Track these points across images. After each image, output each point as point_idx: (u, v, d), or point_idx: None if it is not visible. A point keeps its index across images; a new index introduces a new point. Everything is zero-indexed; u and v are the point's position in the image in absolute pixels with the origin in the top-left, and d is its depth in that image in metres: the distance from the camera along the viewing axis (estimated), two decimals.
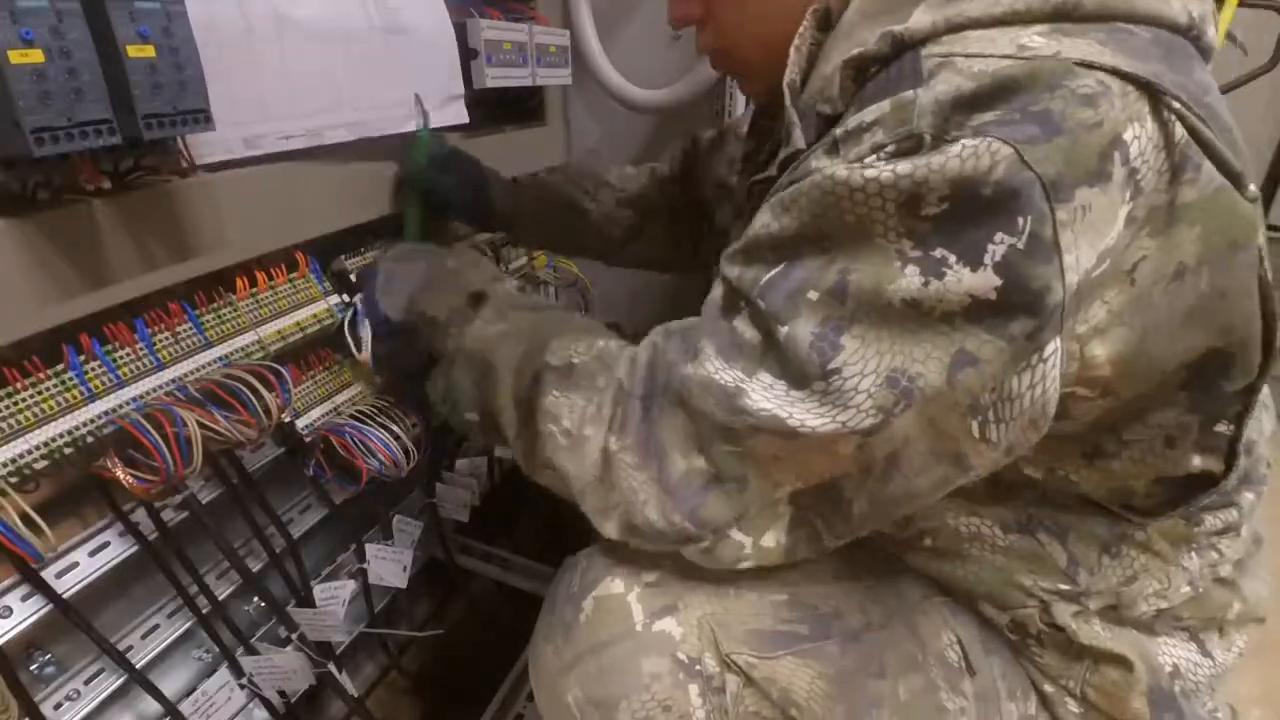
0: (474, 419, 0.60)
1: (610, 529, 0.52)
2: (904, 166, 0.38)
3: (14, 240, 0.44)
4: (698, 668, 0.52)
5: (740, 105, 1.09)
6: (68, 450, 0.49)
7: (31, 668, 0.57)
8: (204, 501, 0.62)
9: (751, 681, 0.52)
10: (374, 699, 0.97)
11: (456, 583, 1.09)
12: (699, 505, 0.47)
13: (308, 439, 0.66)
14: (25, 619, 0.51)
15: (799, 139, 0.47)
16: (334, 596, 0.74)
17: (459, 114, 0.75)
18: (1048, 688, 0.56)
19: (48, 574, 0.52)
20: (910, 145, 0.38)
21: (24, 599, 0.52)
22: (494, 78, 0.79)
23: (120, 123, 0.42)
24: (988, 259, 0.37)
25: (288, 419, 0.63)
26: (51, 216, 0.46)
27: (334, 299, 0.68)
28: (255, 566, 0.69)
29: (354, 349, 0.67)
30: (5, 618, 0.51)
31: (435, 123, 0.73)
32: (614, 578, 0.56)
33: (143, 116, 0.42)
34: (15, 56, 0.38)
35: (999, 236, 0.37)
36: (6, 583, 0.51)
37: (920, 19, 0.42)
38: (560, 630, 0.56)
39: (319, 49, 0.61)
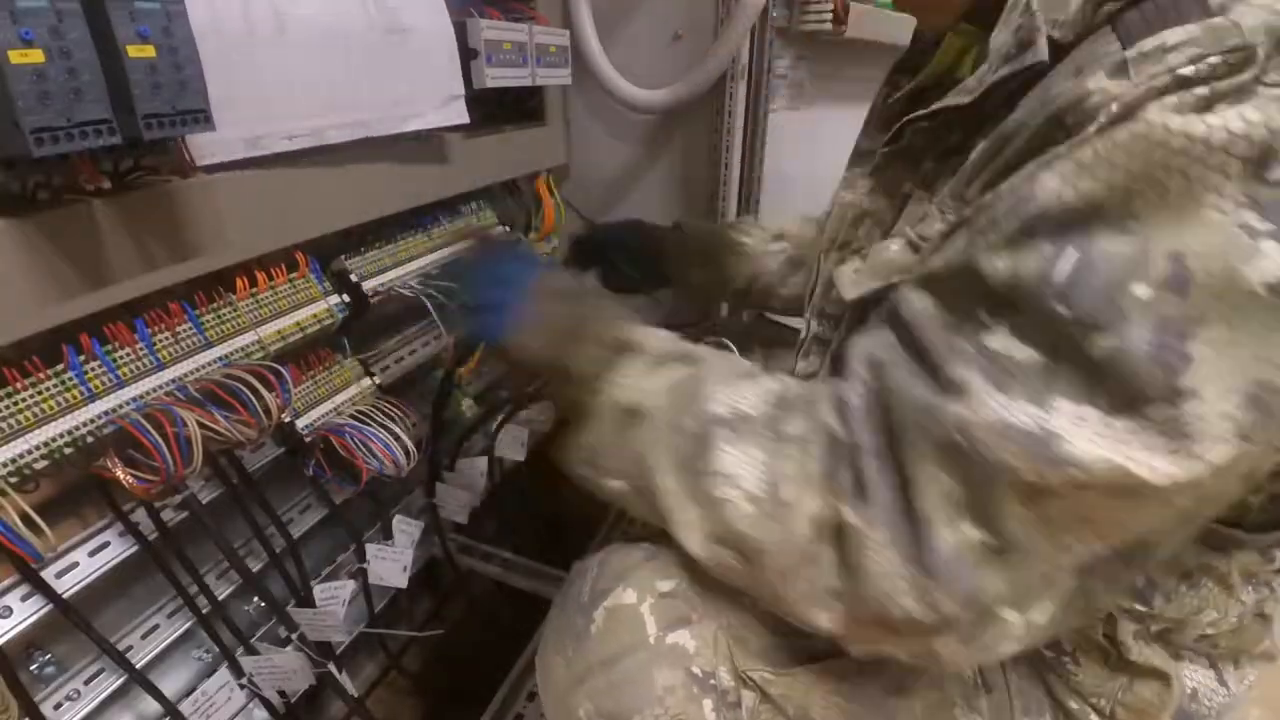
0: (622, 488, 0.51)
1: (829, 619, 0.42)
2: (1253, 113, 0.30)
3: (14, 240, 0.44)
4: (712, 682, 0.51)
5: (741, 106, 1.09)
6: (68, 450, 0.49)
7: (31, 668, 0.57)
8: (204, 501, 0.62)
9: (767, 697, 0.51)
10: (374, 699, 0.97)
11: (457, 583, 1.09)
12: (975, 586, 0.37)
13: (308, 439, 0.66)
14: (25, 619, 0.51)
15: (1043, 49, 0.38)
16: (334, 596, 0.74)
17: (460, 114, 0.75)
18: (1072, 704, 0.55)
19: (48, 574, 0.52)
20: (1241, 61, 0.30)
21: (24, 599, 0.52)
22: (494, 78, 0.79)
23: (120, 123, 0.42)
24: None
25: (288, 419, 0.63)
26: (51, 216, 0.46)
27: (334, 299, 0.68)
28: (255, 566, 0.69)
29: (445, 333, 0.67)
30: (5, 618, 0.51)
31: (437, 123, 0.73)
32: (626, 587, 0.54)
33: (143, 116, 0.42)
34: (15, 56, 0.37)
35: None
36: (6, 583, 0.51)
37: None
38: (571, 641, 0.55)
39: (319, 49, 0.61)
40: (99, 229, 0.48)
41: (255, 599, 0.74)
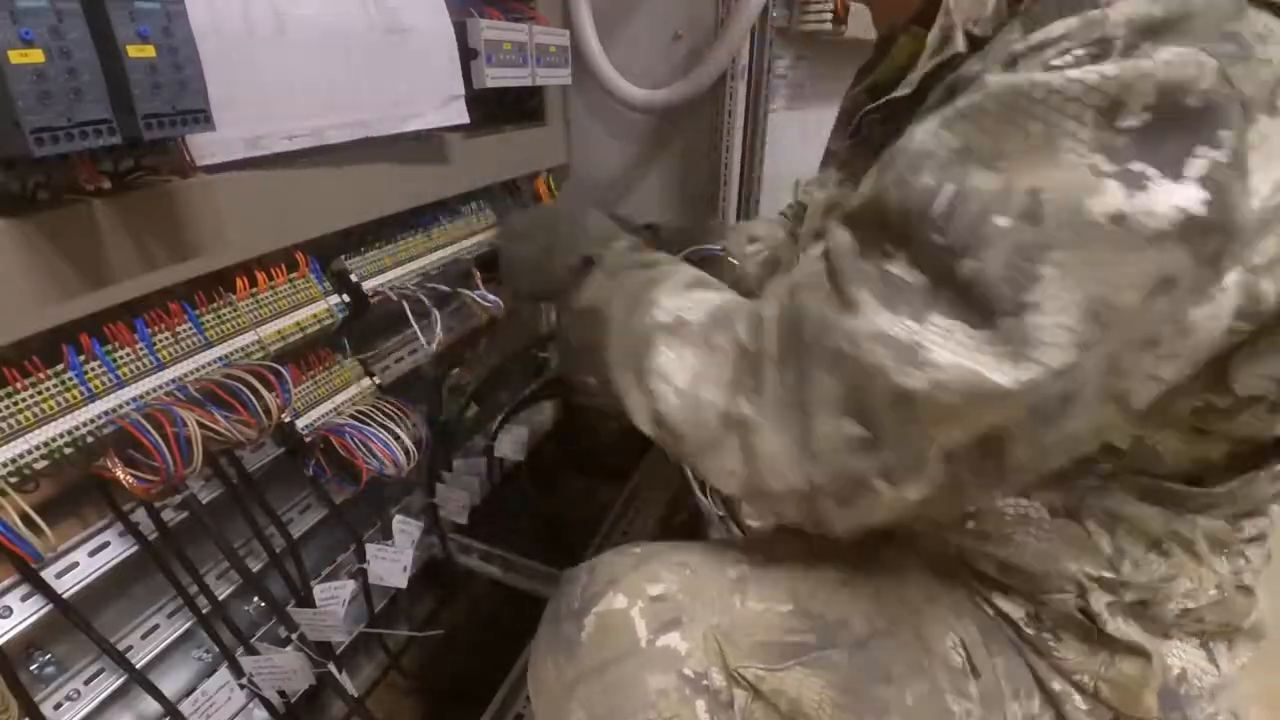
0: (593, 382, 0.60)
1: (732, 487, 0.49)
2: (1110, 68, 0.35)
3: (14, 240, 0.44)
4: (705, 683, 0.51)
5: (741, 106, 1.09)
6: (68, 450, 0.49)
7: (31, 668, 0.57)
8: (204, 501, 0.62)
9: (760, 694, 0.52)
10: (374, 699, 0.97)
11: (456, 583, 1.09)
12: (844, 466, 0.43)
13: (308, 439, 0.66)
14: (25, 619, 0.51)
15: (960, 42, 0.45)
16: (334, 596, 0.74)
17: (460, 114, 0.75)
18: (1055, 685, 0.56)
19: (47, 574, 0.52)
20: (1100, 51, 0.36)
21: (24, 599, 0.52)
22: (494, 78, 0.79)
23: (120, 123, 0.42)
24: (1188, 172, 0.34)
25: (288, 419, 0.63)
26: (51, 216, 0.46)
27: (334, 299, 0.68)
28: (255, 566, 0.69)
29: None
30: (5, 618, 0.51)
31: (437, 123, 0.73)
32: (616, 592, 0.55)
33: (142, 116, 0.42)
34: (15, 56, 0.38)
35: (1200, 150, 0.34)
36: (6, 583, 0.51)
37: None
38: (562, 648, 0.55)
39: (319, 49, 0.61)
40: (99, 229, 0.48)
41: (255, 599, 0.74)
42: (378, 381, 0.74)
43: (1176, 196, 0.34)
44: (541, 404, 1.14)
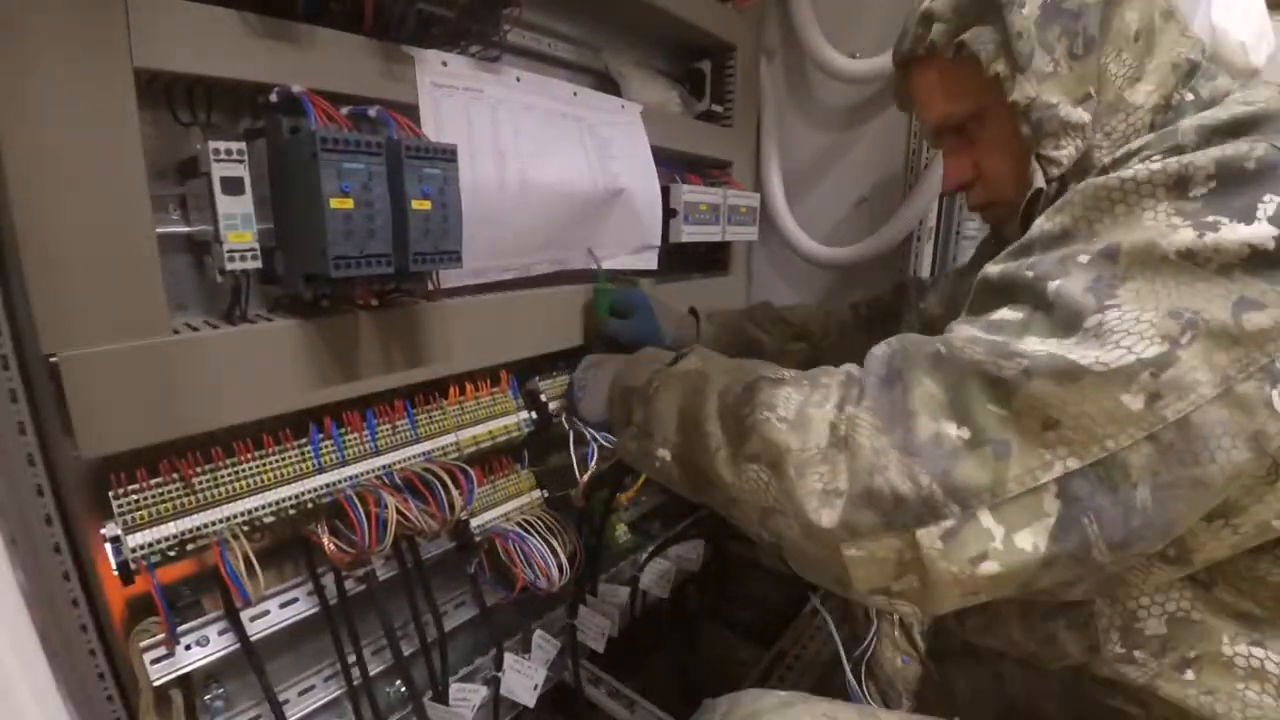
0: (665, 455, 0.59)
1: (829, 516, 0.45)
2: (1170, 161, 0.42)
3: (295, 336, 0.55)
4: None
5: (926, 264, 1.09)
6: (292, 511, 0.58)
7: (206, 697, 0.63)
8: (380, 579, 0.68)
9: None
10: None
11: (579, 713, 1.06)
12: (950, 468, 0.42)
13: (477, 538, 0.71)
14: (217, 651, 0.58)
15: (1039, 179, 0.55)
16: (466, 700, 0.76)
17: (650, 261, 0.84)
18: None
19: (245, 615, 0.60)
20: (1173, 149, 0.43)
21: (220, 633, 0.59)
22: (689, 234, 0.88)
23: (395, 257, 0.53)
24: (1260, 214, 0.39)
25: (465, 517, 0.69)
26: (328, 322, 0.57)
27: (524, 414, 0.76)
28: (407, 651, 0.73)
29: (577, 472, 0.73)
30: (203, 646, 0.58)
31: (631, 265, 0.82)
32: None
33: (412, 254, 0.53)
34: (334, 203, 0.50)
35: (1268, 196, 0.39)
36: (212, 614, 0.59)
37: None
38: None
39: (552, 206, 0.72)
40: (359, 335, 0.59)
41: (398, 682, 0.77)
42: (546, 495, 0.79)
43: (1244, 234, 0.38)
44: (693, 542, 1.13)
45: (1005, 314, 0.46)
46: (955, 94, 0.62)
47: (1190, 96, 0.53)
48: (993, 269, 0.49)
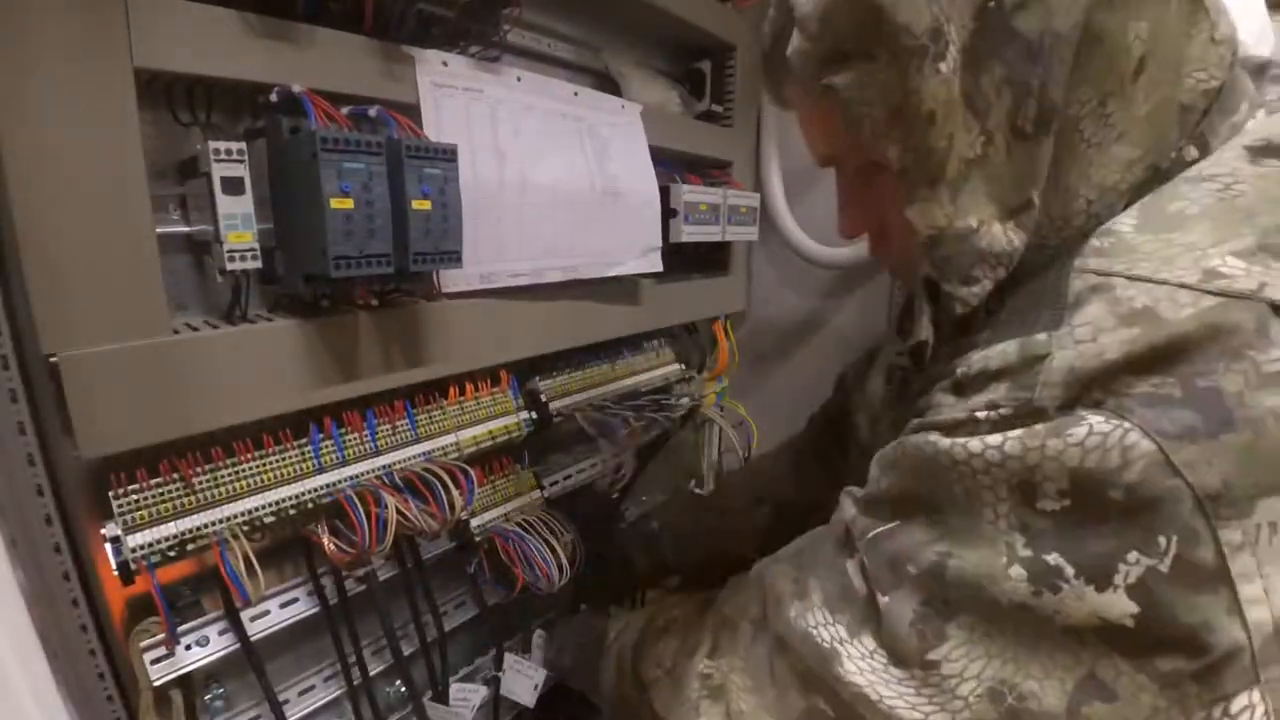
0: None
1: None
2: (1013, 444, 0.32)
3: (295, 336, 0.55)
4: None
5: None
6: (292, 511, 0.58)
7: (206, 697, 0.63)
8: (381, 579, 0.68)
9: None
10: None
11: (579, 714, 1.06)
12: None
13: (477, 538, 0.71)
14: (217, 651, 0.58)
15: (925, 329, 0.50)
16: (466, 699, 0.76)
17: (655, 264, 0.84)
18: None
19: (245, 615, 0.60)
20: (1029, 417, 0.33)
21: (221, 633, 0.59)
22: (689, 234, 0.88)
23: (395, 257, 0.53)
24: (1119, 579, 0.30)
25: (465, 516, 0.69)
26: (328, 322, 0.57)
27: (524, 414, 0.76)
28: (407, 651, 0.73)
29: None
30: (203, 646, 0.58)
31: (636, 270, 0.82)
32: None
33: (412, 254, 0.53)
34: (335, 203, 0.49)
35: (1132, 555, 0.29)
36: (212, 614, 0.59)
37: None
38: None
39: (551, 206, 0.72)
40: (359, 335, 0.59)
41: (398, 682, 0.77)
42: (546, 495, 0.79)
43: (1093, 603, 0.30)
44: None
45: (856, 580, 0.42)
46: (829, 136, 0.47)
47: (1194, 153, 0.37)
48: (849, 509, 0.44)
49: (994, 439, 0.33)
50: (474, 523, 0.71)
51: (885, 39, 0.35)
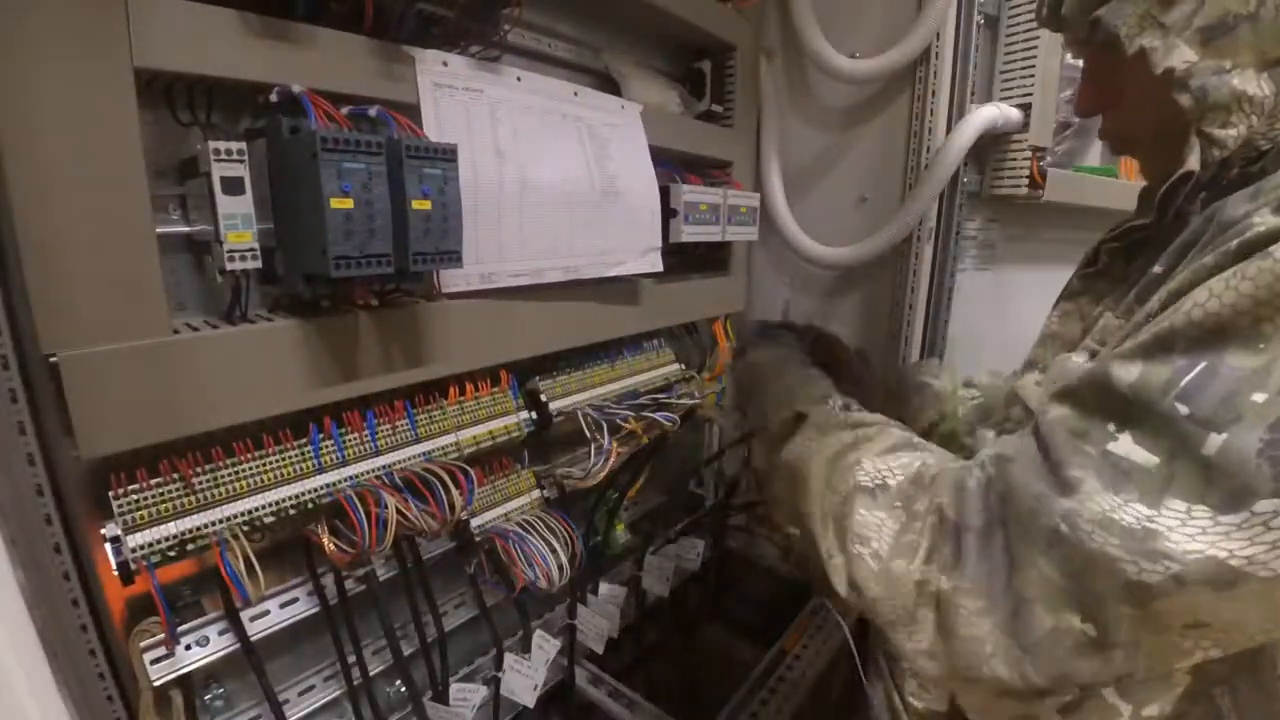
0: (795, 532, 0.57)
1: (933, 671, 0.45)
2: None
3: (295, 336, 0.55)
4: None
5: (926, 265, 1.09)
6: (292, 511, 0.58)
7: (206, 697, 0.63)
8: (381, 579, 0.68)
9: None
10: None
11: (579, 714, 1.06)
12: (1070, 669, 0.39)
13: (477, 538, 0.71)
14: (216, 651, 0.58)
15: (1193, 160, 0.46)
16: (466, 699, 0.76)
17: (655, 264, 0.84)
18: None
19: (245, 615, 0.60)
20: None
21: (220, 633, 0.59)
22: (689, 234, 0.88)
23: (395, 257, 0.53)
24: None
25: (465, 517, 0.69)
26: (328, 322, 0.57)
27: (524, 414, 0.76)
28: (407, 651, 0.73)
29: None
30: (202, 646, 0.58)
31: (636, 270, 0.82)
32: None
33: (412, 254, 0.53)
34: (334, 203, 0.49)
35: None
36: (212, 615, 0.59)
37: None
38: None
39: (551, 206, 0.72)
40: (359, 335, 0.59)
41: (398, 682, 0.77)
42: (546, 495, 0.79)
43: None
44: (693, 541, 1.13)
45: (1135, 451, 0.36)
46: (1098, 75, 0.54)
47: None
48: (1120, 370, 0.38)
49: None
50: (474, 523, 0.71)
51: None
